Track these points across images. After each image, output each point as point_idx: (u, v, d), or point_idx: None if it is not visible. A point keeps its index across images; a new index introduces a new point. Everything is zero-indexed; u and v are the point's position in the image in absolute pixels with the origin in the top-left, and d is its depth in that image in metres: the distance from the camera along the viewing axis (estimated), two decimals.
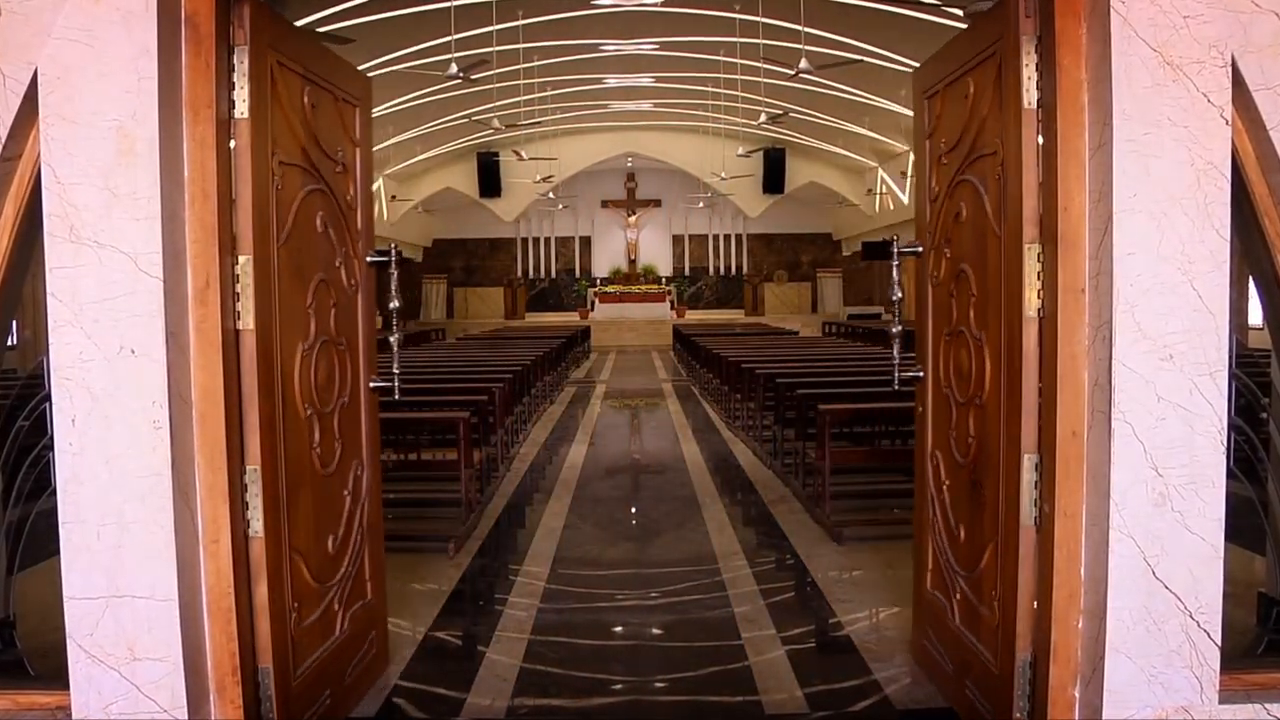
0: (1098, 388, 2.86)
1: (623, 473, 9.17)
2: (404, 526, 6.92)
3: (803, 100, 20.68)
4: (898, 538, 6.29)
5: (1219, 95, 2.75)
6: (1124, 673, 2.80)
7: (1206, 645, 2.78)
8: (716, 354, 13.11)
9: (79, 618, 2.77)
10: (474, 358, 12.75)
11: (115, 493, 2.77)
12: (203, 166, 2.91)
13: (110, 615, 2.78)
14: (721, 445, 10.24)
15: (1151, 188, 2.76)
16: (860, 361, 11.19)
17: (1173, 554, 2.78)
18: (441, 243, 33.06)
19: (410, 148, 24.29)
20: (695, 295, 33.39)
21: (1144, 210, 2.77)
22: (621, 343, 27.86)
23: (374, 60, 16.23)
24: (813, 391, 7.73)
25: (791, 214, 32.30)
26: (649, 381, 17.84)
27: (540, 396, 12.96)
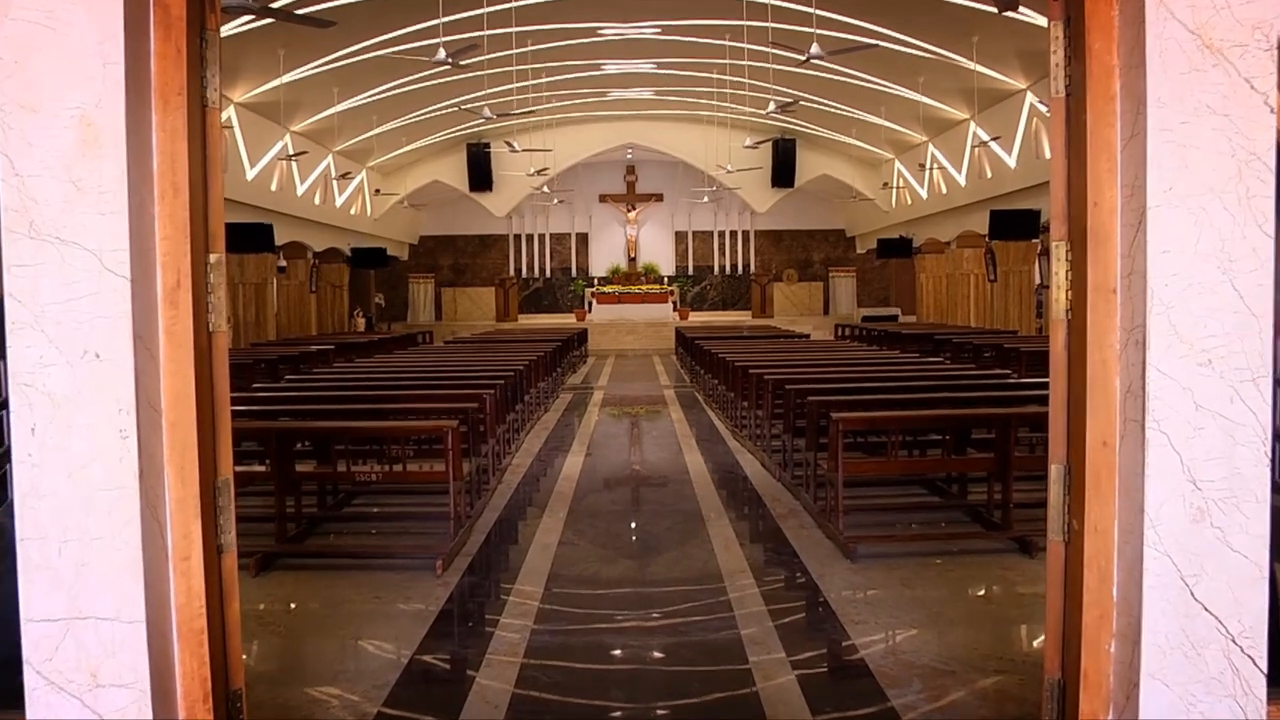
0: (1130, 395, 2.83)
1: (622, 485, 9.14)
2: (388, 543, 6.90)
3: (814, 88, 20.67)
4: (915, 555, 6.27)
5: (1263, 81, 2.72)
6: (1160, 701, 2.76)
7: (1251, 672, 2.74)
8: (721, 358, 13.08)
9: (37, 641, 2.74)
10: (463, 362, 12.73)
11: (78, 507, 2.74)
12: (173, 158, 2.89)
13: (72, 639, 2.75)
14: (727, 456, 10.21)
15: (1189, 180, 2.73)
16: (876, 367, 11.15)
17: (1212, 573, 2.74)
18: (429, 240, 33.06)
19: (395, 138, 24.30)
20: (699, 296, 33.38)
21: (1180, 205, 2.74)
22: (621, 346, 27.83)
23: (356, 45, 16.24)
24: (825, 398, 7.70)
25: (802, 209, 32.29)
26: (650, 387, 17.81)
27: (534, 404, 12.93)
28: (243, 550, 5.93)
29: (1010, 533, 6.51)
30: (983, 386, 8.78)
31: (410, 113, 22.22)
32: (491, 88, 20.27)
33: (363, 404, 8.24)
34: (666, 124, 28.40)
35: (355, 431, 7.09)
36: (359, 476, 6.77)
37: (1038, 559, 6.02)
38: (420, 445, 7.86)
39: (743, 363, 11.44)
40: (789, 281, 32.74)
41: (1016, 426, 6.96)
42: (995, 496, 6.90)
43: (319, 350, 16.16)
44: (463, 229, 32.91)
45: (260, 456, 7.92)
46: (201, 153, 3.02)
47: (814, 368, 10.96)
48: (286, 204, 20.58)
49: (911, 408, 7.69)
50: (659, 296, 30.60)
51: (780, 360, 12.18)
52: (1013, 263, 21.09)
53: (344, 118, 20.43)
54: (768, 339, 18.39)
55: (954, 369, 11.04)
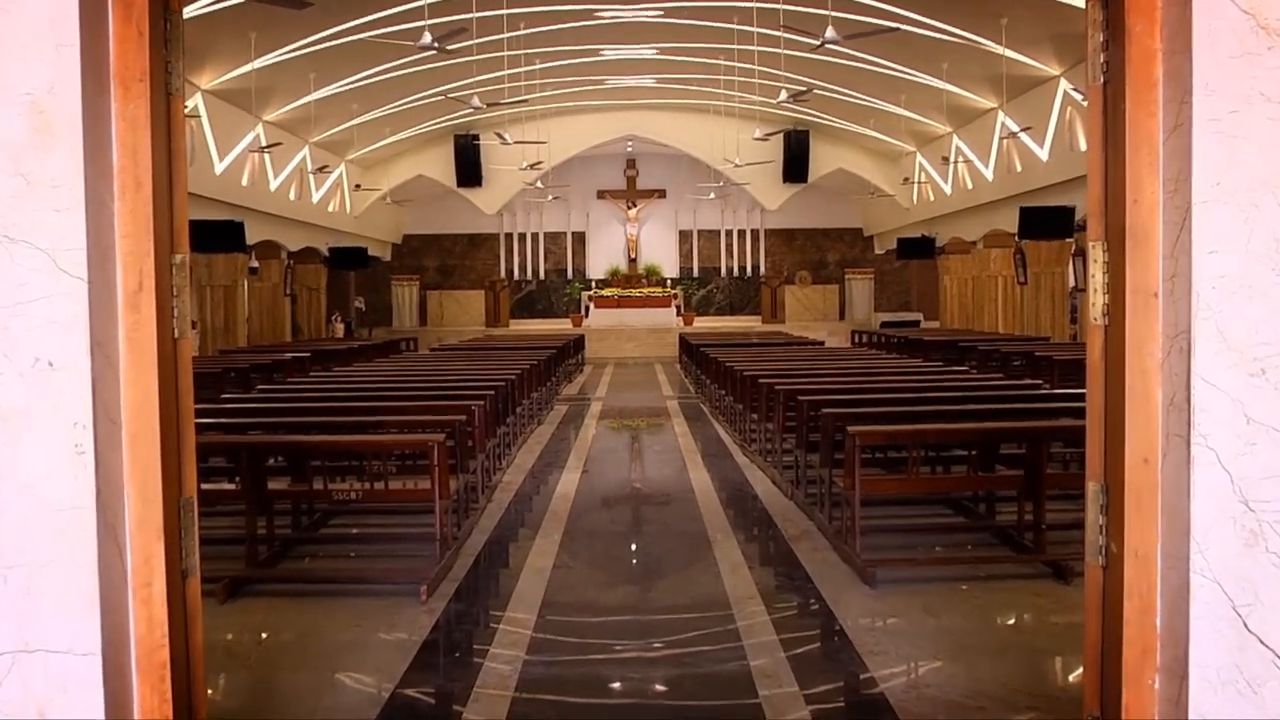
0: (1173, 407, 2.81)
1: (622, 504, 9.12)
2: (368, 566, 6.88)
3: (829, 75, 20.70)
4: (939, 580, 6.25)
5: None
6: None
7: None
8: (729, 367, 13.08)
9: None
10: (451, 371, 12.72)
11: (28, 528, 2.71)
12: (135, 150, 2.87)
13: (18, 674, 2.72)
14: (735, 472, 10.20)
15: (1239, 174, 2.71)
16: (896, 376, 11.15)
17: (1268, 603, 2.72)
18: (413, 239, 33.11)
19: (377, 129, 24.34)
20: (705, 300, 33.41)
21: (1229, 201, 2.72)
22: (620, 354, 27.83)
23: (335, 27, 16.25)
24: (840, 411, 7.68)
25: (816, 206, 32.33)
26: (652, 398, 17.81)
27: (527, 416, 12.93)
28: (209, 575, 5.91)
29: (1043, 556, 6.49)
30: (1012, 398, 8.76)
31: (393, 102, 22.26)
32: (481, 75, 20.30)
33: (341, 416, 8.23)
34: (670, 114, 28.45)
35: (333, 446, 7.07)
36: (337, 495, 6.75)
37: (1073, 585, 6.00)
38: (404, 461, 7.84)
39: (752, 372, 11.44)
40: (802, 284, 32.76)
41: (1049, 441, 6.95)
42: (1026, 517, 6.88)
43: (294, 358, 16.16)
44: (450, 227, 32.96)
45: (229, 473, 7.90)
46: (166, 144, 3.00)
47: (829, 377, 10.95)
48: (259, 200, 20.60)
49: (934, 421, 7.68)
50: (661, 300, 30.63)
51: (792, 369, 12.17)
52: (1044, 264, 21.10)
53: (321, 107, 20.45)
54: (779, 346, 18.39)
55: (981, 379, 11.03)
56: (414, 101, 22.46)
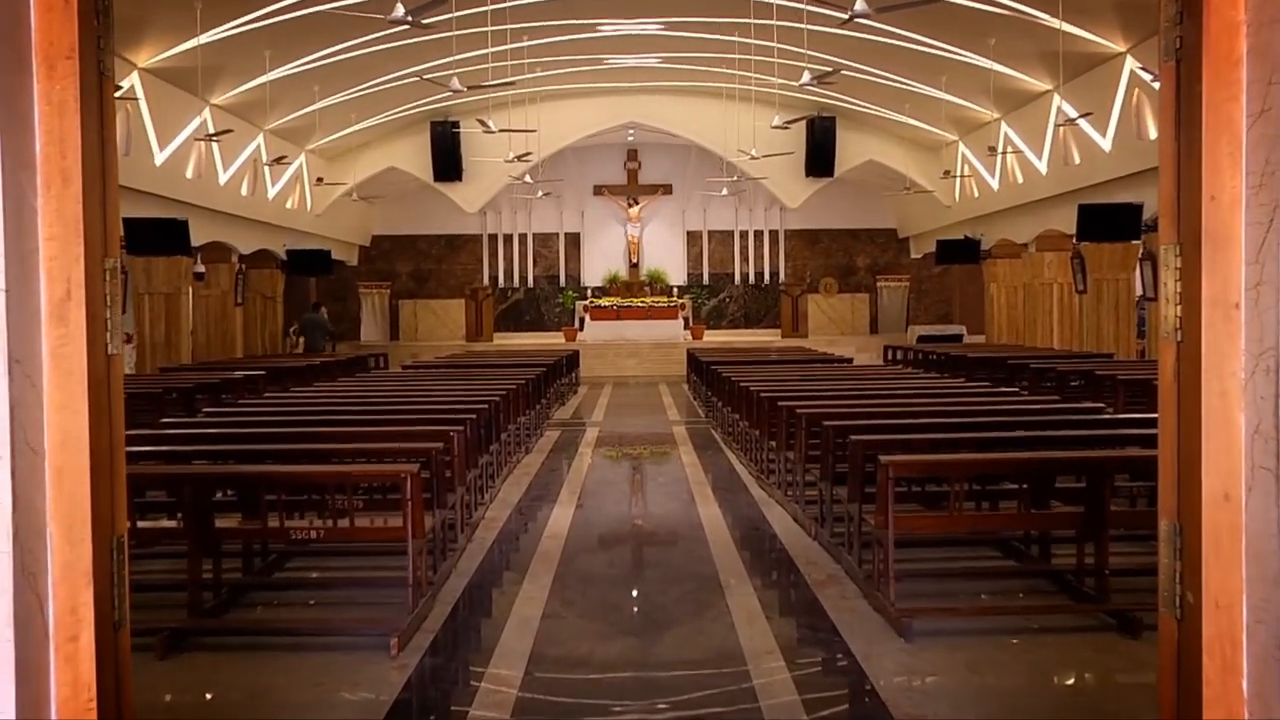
0: (1259, 435, 2.79)
1: (621, 544, 9.11)
2: (331, 616, 6.86)
3: (858, 53, 20.74)
4: (986, 633, 6.23)
5: None
6: None
7: None
8: (744, 387, 13.07)
9: None
10: (426, 392, 12.71)
11: None
12: (62, 139, 2.86)
13: None
14: (751, 508, 10.19)
15: None
16: (935, 398, 11.14)
17: None
18: (383, 240, 33.16)
19: (342, 115, 24.38)
20: (716, 310, 33.45)
21: None
22: (620, 372, 27.82)
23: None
24: (871, 438, 7.66)
25: (844, 204, 32.38)
26: (655, 423, 17.80)
27: (513, 443, 12.92)
28: (146, 626, 5.89)
29: (1107, 606, 6.46)
30: (1070, 423, 8.73)
31: (360, 84, 22.30)
32: (461, 53, 20.31)
33: (300, 444, 8.21)
34: (677, 98, 28.51)
35: (291, 478, 7.05)
36: (295, 534, 6.73)
37: (1144, 640, 5.96)
38: (372, 495, 7.83)
39: (770, 393, 11.43)
40: (827, 293, 32.77)
41: (1113, 474, 6.91)
42: (1087, 561, 6.84)
43: (246, 377, 16.15)
44: (425, 227, 33.02)
45: (170, 509, 7.88)
46: (98, 131, 2.99)
47: (858, 399, 10.93)
48: (205, 195, 20.62)
49: (980, 450, 7.65)
50: (667, 311, 30.63)
51: (816, 390, 12.16)
52: (1107, 269, 21.09)
53: (278, 89, 20.50)
54: (801, 364, 18.37)
55: (1033, 401, 11.01)
56: (384, 83, 22.49)
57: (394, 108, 25.62)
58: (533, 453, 14.08)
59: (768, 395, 11.34)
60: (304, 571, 7.90)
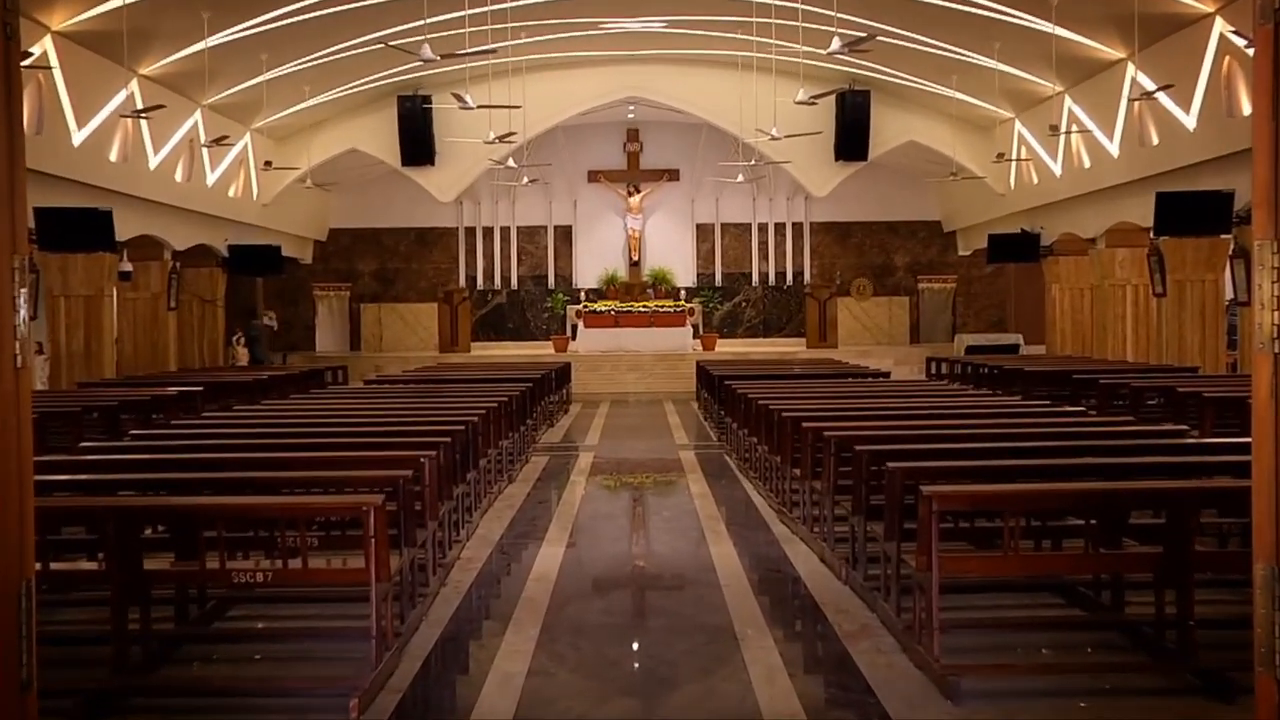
0: None
1: (620, 589, 9.10)
2: (281, 673, 6.83)
3: (896, 17, 20.77)
4: (1047, 694, 6.22)
5: None
6: None
7: None
8: (762, 406, 13.05)
9: None
10: (392, 411, 12.70)
11: None
12: None
13: None
14: (771, 547, 10.19)
15: None
16: (986, 419, 11.12)
17: None
18: (342, 235, 33.19)
19: (293, 88, 24.38)
20: (731, 316, 33.46)
21: None
22: (619, 388, 27.82)
23: None
24: (912, 465, 7.65)
25: (880, 192, 32.40)
26: (660, 447, 17.79)
27: (494, 471, 12.90)
28: (60, 686, 5.88)
29: (1192, 664, 6.43)
30: (1147, 449, 8.71)
31: (315, 52, 22.30)
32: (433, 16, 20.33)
33: (245, 471, 8.19)
34: (685, 69, 28.54)
35: (233, 511, 7.03)
36: (238, 577, 6.71)
37: (1238, 705, 5.95)
38: (329, 531, 7.79)
39: (793, 412, 11.41)
40: (860, 296, 32.78)
41: (1198, 508, 6.89)
42: (1168, 610, 6.81)
43: (180, 394, 16.14)
44: (392, 220, 33.05)
45: (91, 548, 7.86)
46: (3, 107, 3.00)
47: (896, 420, 10.93)
48: (133, 181, 20.62)
49: (1039, 479, 7.63)
50: (673, 318, 30.64)
51: (847, 409, 12.15)
52: (1191, 269, 21.03)
53: (219, 57, 20.47)
54: (829, 379, 18.35)
55: (1103, 423, 10.99)
56: (343, 51, 22.50)
57: (355, 80, 25.62)
58: (517, 482, 14.07)
59: (790, 415, 11.31)
60: (249, 621, 7.85)
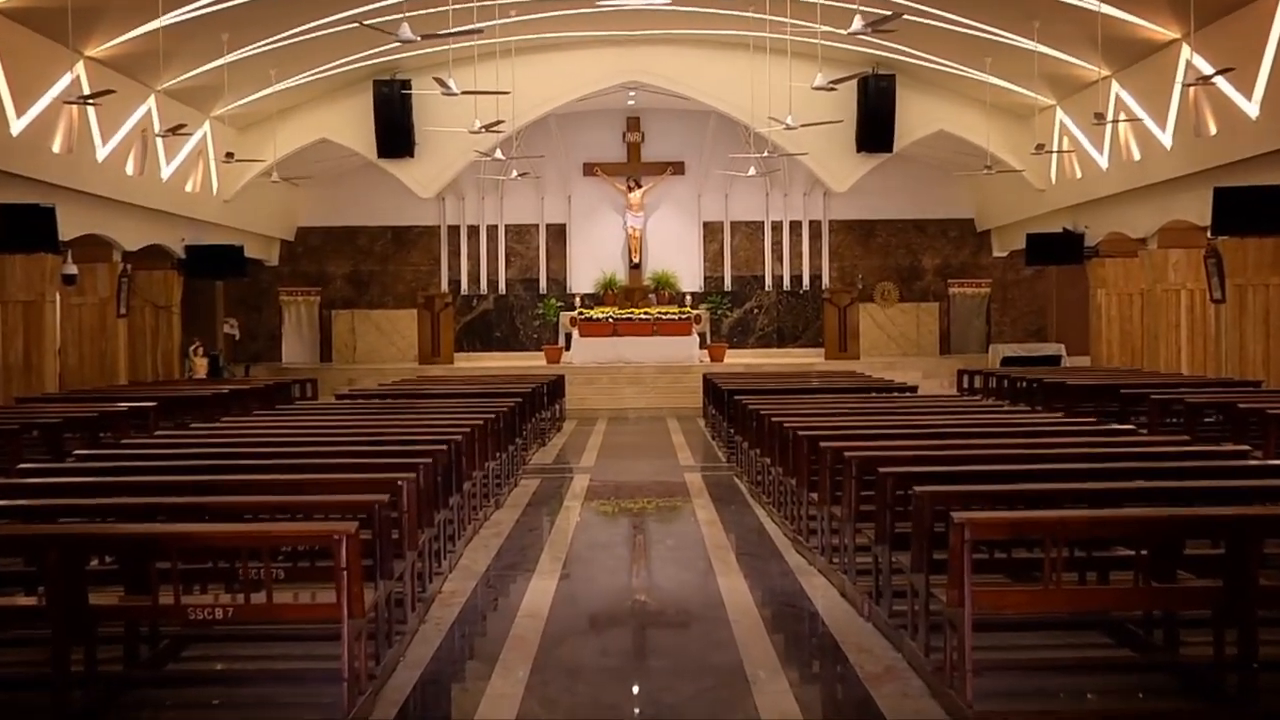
0: None
1: (619, 626, 9.10)
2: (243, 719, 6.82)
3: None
4: None
5: None
6: None
7: None
8: (776, 424, 13.03)
9: None
10: (367, 429, 12.67)
11: None
12: None
13: None
14: (786, 579, 10.19)
15: None
16: (1024, 438, 11.12)
17: None
18: (312, 234, 33.20)
19: (258, 71, 24.33)
20: (742, 325, 33.45)
21: None
22: (617, 404, 27.77)
23: None
24: (943, 489, 7.65)
25: (906, 187, 32.41)
26: (663, 469, 17.78)
27: (480, 495, 12.88)
28: None
29: (1255, 709, 6.43)
30: (1204, 471, 8.70)
31: (282, 31, 22.29)
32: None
33: (203, 496, 8.18)
34: (690, 52, 28.56)
35: (190, 539, 7.03)
36: (195, 613, 6.70)
37: None
38: (297, 563, 7.78)
39: (810, 430, 11.40)
40: (884, 301, 32.77)
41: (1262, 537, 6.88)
42: (1228, 650, 6.80)
43: (131, 409, 16.12)
44: (367, 217, 33.05)
45: (29, 581, 7.84)
46: None
47: (924, 439, 10.94)
48: (78, 175, 20.58)
49: (1083, 504, 7.62)
50: (677, 326, 30.60)
51: (870, 427, 12.15)
52: (1253, 272, 21.01)
53: (175, 38, 20.46)
54: (850, 393, 18.33)
55: (1155, 443, 10.98)
56: (313, 31, 22.48)
57: (326, 63, 25.62)
58: (505, 507, 14.05)
59: (807, 433, 11.30)
60: (207, 662, 7.84)
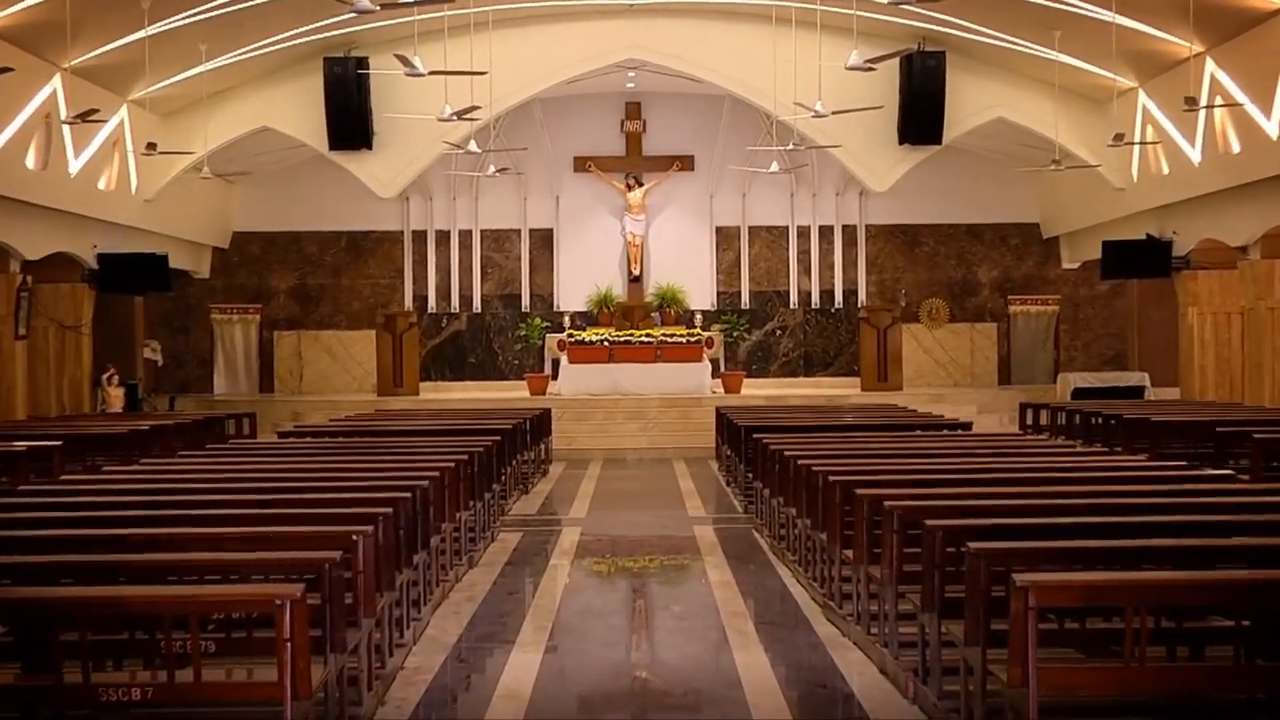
0: None
1: (616, 709, 9.07)
2: None
3: None
4: None
5: None
6: None
7: None
8: (804, 467, 13.02)
9: None
10: (316, 474, 12.68)
11: None
12: None
13: None
14: (815, 653, 10.19)
15: None
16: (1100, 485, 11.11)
17: None
18: (251, 241, 33.22)
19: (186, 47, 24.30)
20: (762, 349, 33.45)
21: None
22: (614, 443, 27.69)
23: None
24: (1001, 546, 7.64)
25: (958, 186, 32.41)
26: (668, 521, 17.80)
27: (450, 552, 12.87)
28: None
29: None
30: None
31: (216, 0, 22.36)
32: None
33: (119, 553, 8.16)
34: (700, 24, 28.59)
35: (102, 605, 7.01)
36: (107, 694, 6.69)
37: None
38: (230, 633, 7.77)
39: (844, 475, 11.39)
40: (932, 321, 32.76)
41: None
42: None
43: (30, 449, 16.09)
44: (316, 221, 33.09)
45: None
46: None
47: (980, 487, 10.91)
48: None
49: (1172, 564, 7.61)
50: (686, 350, 30.58)
51: (915, 472, 12.18)
52: None
53: (85, 5, 20.51)
54: (892, 431, 18.32)
55: (1259, 490, 10.96)
56: None
57: (268, 37, 25.64)
58: (480, 566, 14.06)
59: (840, 479, 11.29)
60: None
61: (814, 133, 27.50)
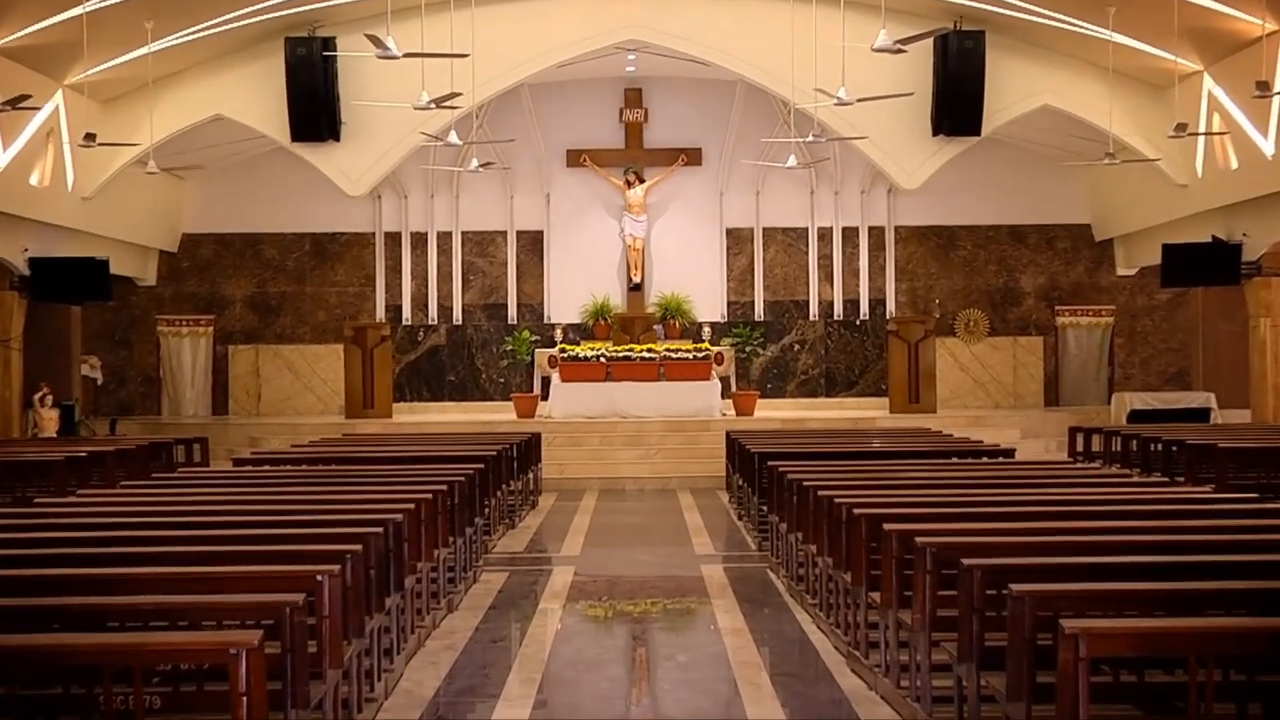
0: None
1: None
2: None
3: None
4: None
5: None
6: None
7: None
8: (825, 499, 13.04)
9: None
10: (276, 507, 12.67)
11: None
12: None
13: None
14: (838, 708, 10.20)
15: None
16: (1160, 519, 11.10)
17: None
18: (203, 244, 33.25)
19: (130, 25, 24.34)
20: (779, 365, 33.47)
21: None
22: (612, 471, 27.64)
23: None
24: (1048, 588, 7.64)
25: (999, 182, 32.45)
26: (672, 560, 17.83)
27: (427, 594, 12.88)
28: None
29: None
30: None
31: None
32: None
33: (51, 596, 8.17)
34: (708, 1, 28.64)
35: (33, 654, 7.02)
36: None
37: None
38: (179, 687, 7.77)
39: (871, 508, 11.41)
40: (970, 335, 32.78)
41: None
42: None
43: None
44: (277, 222, 33.17)
45: None
46: None
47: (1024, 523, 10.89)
48: None
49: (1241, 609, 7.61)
50: (692, 367, 30.60)
51: (951, 505, 12.18)
52: None
53: None
54: (924, 459, 18.33)
55: None
56: None
57: (222, 14, 25.68)
58: (461, 611, 14.05)
59: (866, 512, 11.30)
60: None
61: (837, 123, 27.58)
